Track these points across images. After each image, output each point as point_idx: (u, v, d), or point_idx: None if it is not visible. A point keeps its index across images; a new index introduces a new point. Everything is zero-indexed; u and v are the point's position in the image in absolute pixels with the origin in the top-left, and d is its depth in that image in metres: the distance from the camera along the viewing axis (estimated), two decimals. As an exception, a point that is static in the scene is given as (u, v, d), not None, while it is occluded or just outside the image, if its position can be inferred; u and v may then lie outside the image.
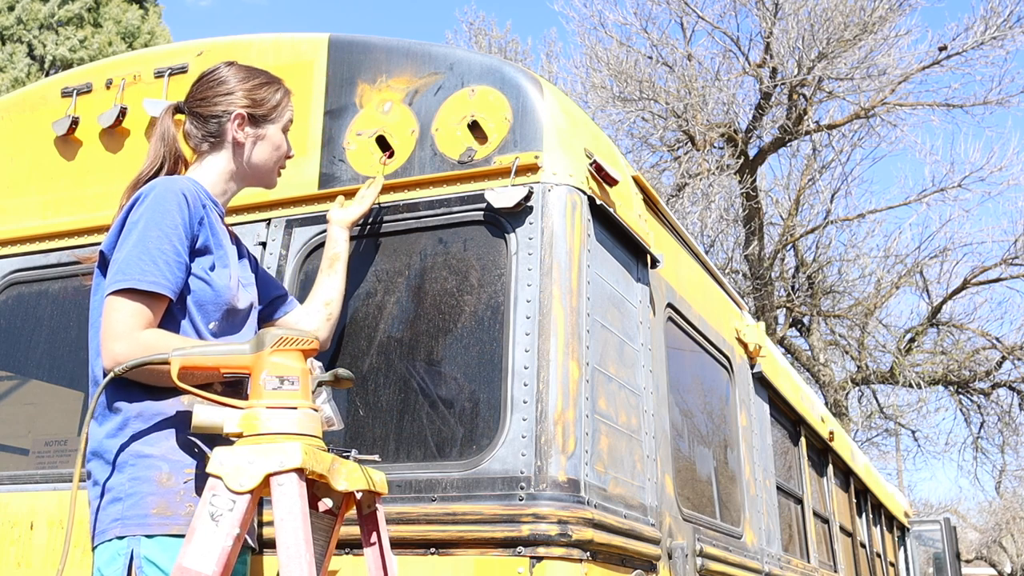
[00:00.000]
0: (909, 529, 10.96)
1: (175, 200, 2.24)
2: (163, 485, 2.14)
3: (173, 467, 2.16)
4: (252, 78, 2.50)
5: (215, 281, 2.30)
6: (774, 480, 4.63)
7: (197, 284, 2.28)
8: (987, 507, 34.49)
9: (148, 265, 2.17)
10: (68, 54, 19.58)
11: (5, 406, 3.42)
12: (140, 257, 2.18)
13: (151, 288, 2.17)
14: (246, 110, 2.45)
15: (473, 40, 17.51)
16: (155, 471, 2.15)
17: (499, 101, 2.82)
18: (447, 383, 2.70)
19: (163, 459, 2.16)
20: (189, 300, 2.26)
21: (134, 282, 2.16)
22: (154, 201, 2.24)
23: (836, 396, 16.69)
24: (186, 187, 2.29)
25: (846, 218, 16.56)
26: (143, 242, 2.19)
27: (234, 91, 2.46)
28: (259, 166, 2.50)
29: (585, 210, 2.78)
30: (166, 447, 2.17)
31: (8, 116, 3.55)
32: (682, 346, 3.60)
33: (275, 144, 2.51)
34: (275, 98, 2.50)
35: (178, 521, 2.12)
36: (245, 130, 2.46)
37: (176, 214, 2.23)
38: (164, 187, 2.27)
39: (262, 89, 2.49)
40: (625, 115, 14.28)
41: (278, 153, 2.52)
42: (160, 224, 2.21)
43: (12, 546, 2.90)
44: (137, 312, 2.16)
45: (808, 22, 13.76)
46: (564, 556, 2.38)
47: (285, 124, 2.53)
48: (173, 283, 2.21)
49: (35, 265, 3.31)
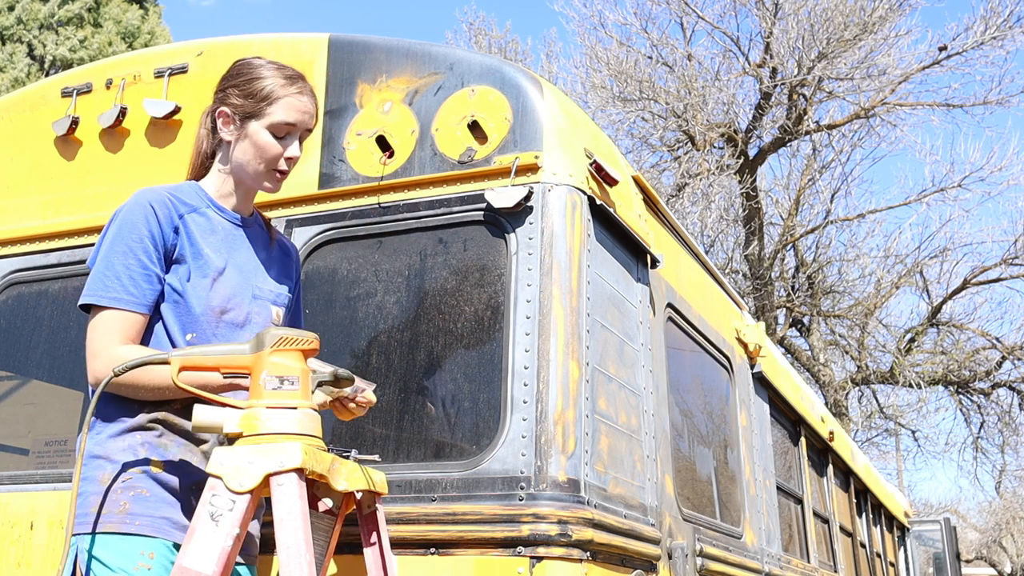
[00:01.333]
0: (909, 529, 10.96)
1: (141, 213, 2.22)
2: (102, 483, 2.16)
3: (115, 467, 2.17)
4: (248, 73, 2.34)
5: (188, 291, 2.25)
6: (774, 480, 4.63)
7: (170, 294, 2.25)
8: (987, 507, 34.50)
9: (112, 281, 2.19)
10: (68, 54, 19.58)
11: (5, 406, 3.42)
12: (104, 273, 2.20)
13: (112, 304, 2.18)
14: (230, 107, 2.32)
15: (473, 40, 17.50)
16: (99, 471, 2.17)
17: (499, 101, 2.82)
18: (447, 383, 2.70)
19: (107, 459, 2.18)
20: (164, 310, 2.25)
21: (96, 298, 2.19)
22: (122, 216, 2.24)
23: (836, 396, 16.68)
24: (156, 198, 2.25)
25: (846, 218, 16.57)
26: (107, 258, 2.21)
27: (227, 87, 2.35)
28: (243, 167, 2.34)
29: (585, 210, 2.78)
30: (111, 448, 2.19)
31: (8, 116, 3.55)
32: (682, 346, 3.60)
33: (256, 144, 2.30)
34: (263, 93, 2.30)
35: (111, 519, 2.13)
36: (230, 128, 2.33)
37: (142, 226, 2.21)
38: (133, 201, 2.26)
39: (254, 83, 2.31)
40: (625, 115, 14.28)
41: (262, 154, 2.31)
42: (126, 238, 2.21)
43: (12, 546, 2.90)
44: (110, 329, 2.18)
45: (808, 22, 13.76)
46: (564, 556, 2.38)
47: (274, 122, 2.30)
48: (139, 296, 2.20)
49: (35, 265, 3.31)
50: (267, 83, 2.30)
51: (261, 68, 2.34)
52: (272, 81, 2.31)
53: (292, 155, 2.34)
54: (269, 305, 2.39)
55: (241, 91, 2.32)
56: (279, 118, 2.30)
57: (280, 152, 2.32)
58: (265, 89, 2.30)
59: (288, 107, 2.31)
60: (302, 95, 2.33)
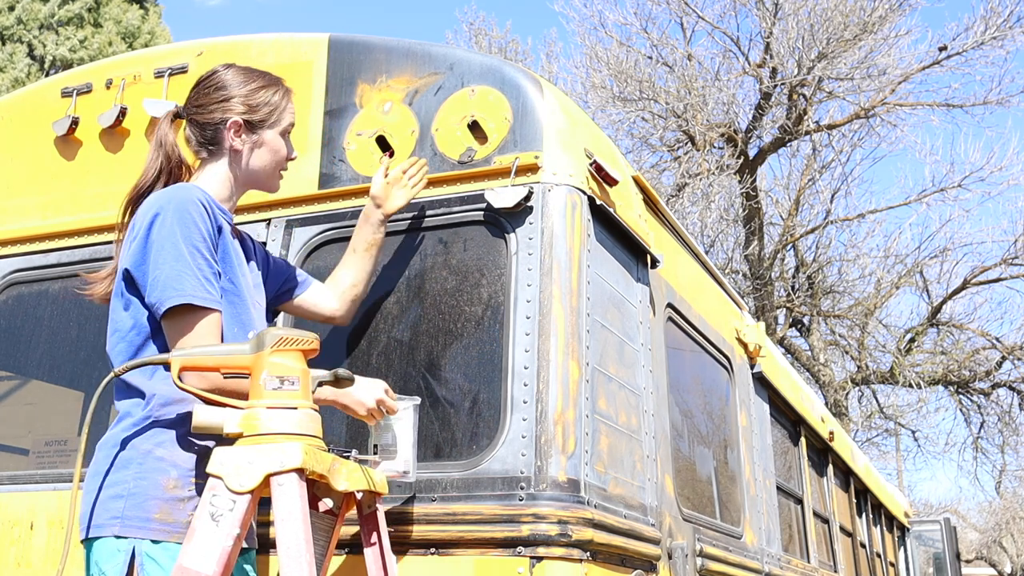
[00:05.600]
0: (909, 529, 10.96)
1: (197, 211, 2.23)
2: (168, 491, 2.13)
3: (182, 474, 2.15)
4: (249, 82, 2.43)
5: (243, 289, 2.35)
6: (774, 480, 4.63)
7: (227, 292, 2.31)
8: (987, 507, 34.50)
9: (195, 281, 2.17)
10: (68, 54, 19.58)
11: (5, 406, 3.42)
12: (183, 272, 2.16)
13: (210, 305, 2.18)
14: (242, 117, 2.40)
15: (473, 40, 17.50)
16: (163, 475, 2.14)
17: (499, 101, 2.82)
18: (447, 383, 2.70)
19: (173, 464, 2.15)
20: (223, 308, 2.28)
21: (189, 298, 2.15)
22: (176, 213, 2.21)
23: (836, 396, 16.69)
24: (202, 196, 2.28)
25: (846, 218, 16.56)
26: (181, 257, 2.17)
27: (231, 97, 2.40)
28: (258, 172, 2.46)
29: (585, 210, 2.78)
30: (178, 453, 2.16)
31: (8, 116, 3.55)
32: (682, 346, 3.60)
33: (273, 149, 2.45)
34: (272, 101, 2.44)
35: (178, 528, 2.11)
36: (242, 137, 2.41)
37: (200, 224, 2.22)
38: (183, 198, 2.24)
39: (259, 93, 2.42)
40: (625, 115, 14.28)
41: (277, 158, 2.47)
42: (190, 236, 2.19)
43: (12, 546, 2.90)
44: (210, 331, 2.17)
45: (808, 22, 13.76)
46: (564, 556, 2.38)
47: (285, 127, 2.47)
48: (217, 295, 2.23)
49: (35, 265, 3.31)
50: (277, 91, 2.47)
51: (265, 76, 2.48)
52: (278, 89, 2.47)
53: (294, 155, 2.54)
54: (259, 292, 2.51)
55: (249, 100, 2.42)
56: (288, 121, 2.48)
57: (290, 154, 2.52)
58: (276, 97, 2.45)
59: (292, 112, 2.50)
60: (291, 95, 2.52)
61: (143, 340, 2.24)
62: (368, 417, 2.36)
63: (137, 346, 2.25)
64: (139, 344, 2.25)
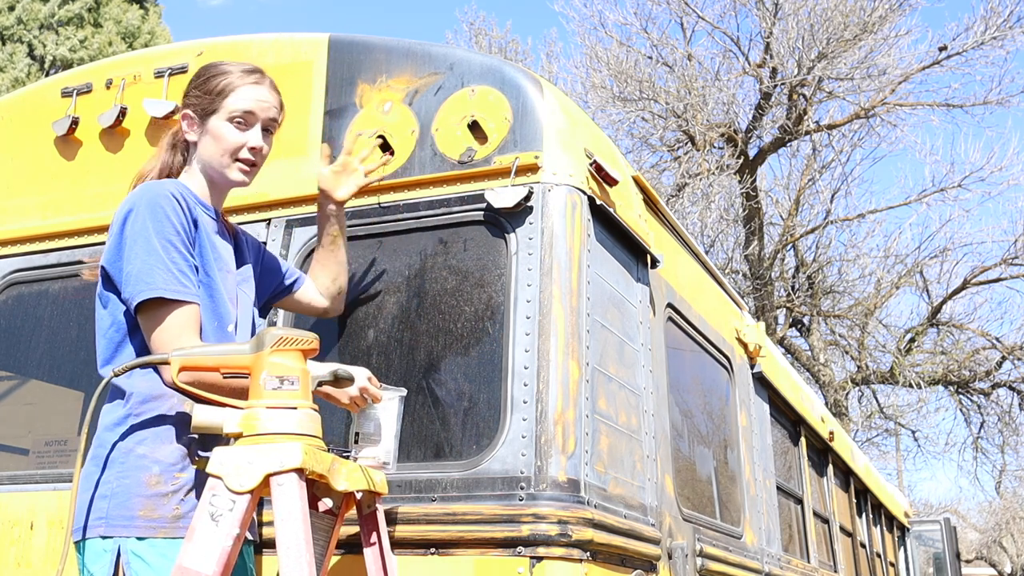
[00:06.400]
0: (909, 529, 10.96)
1: (169, 205, 2.22)
2: (151, 487, 2.13)
3: (163, 469, 2.15)
4: (206, 73, 2.40)
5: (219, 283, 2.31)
6: (774, 480, 4.63)
7: (206, 286, 2.29)
8: (987, 507, 34.50)
9: (167, 274, 2.16)
10: (68, 54, 19.58)
11: (5, 406, 3.42)
12: (155, 267, 2.15)
13: (183, 298, 2.16)
14: (191, 107, 2.39)
15: (473, 40, 17.50)
16: (145, 472, 2.14)
17: (499, 101, 2.82)
18: (447, 383, 2.70)
19: (155, 461, 2.15)
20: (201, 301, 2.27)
21: (160, 291, 2.14)
22: (148, 208, 2.20)
23: (836, 396, 16.68)
24: (175, 189, 2.27)
25: (846, 218, 16.56)
26: (153, 251, 2.16)
27: (189, 91, 2.41)
28: (209, 162, 2.38)
29: (585, 210, 2.78)
30: (159, 449, 2.16)
31: (8, 116, 3.55)
32: (682, 346, 3.60)
33: (216, 136, 2.35)
34: (213, 88, 2.35)
35: (163, 524, 2.11)
36: (194, 129, 2.39)
37: (174, 218, 2.21)
38: (156, 192, 2.24)
39: (209, 82, 2.37)
40: (625, 115, 14.28)
41: (222, 146, 2.35)
42: (163, 231, 2.18)
43: (12, 546, 2.90)
44: (186, 323, 2.16)
45: (808, 22, 13.76)
46: (564, 556, 2.38)
47: (231, 113, 2.35)
48: (193, 287, 2.21)
49: (35, 265, 3.31)
50: (222, 79, 2.37)
51: (219, 66, 2.40)
52: (227, 76, 2.37)
53: (256, 145, 2.38)
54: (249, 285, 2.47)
55: (200, 90, 2.38)
56: (235, 106, 2.35)
57: (241, 141, 2.36)
58: (221, 83, 2.36)
59: (243, 96, 2.36)
60: (259, 85, 2.39)
61: (122, 337, 2.24)
62: (351, 405, 2.36)
63: (117, 343, 2.25)
64: (118, 341, 2.25)
